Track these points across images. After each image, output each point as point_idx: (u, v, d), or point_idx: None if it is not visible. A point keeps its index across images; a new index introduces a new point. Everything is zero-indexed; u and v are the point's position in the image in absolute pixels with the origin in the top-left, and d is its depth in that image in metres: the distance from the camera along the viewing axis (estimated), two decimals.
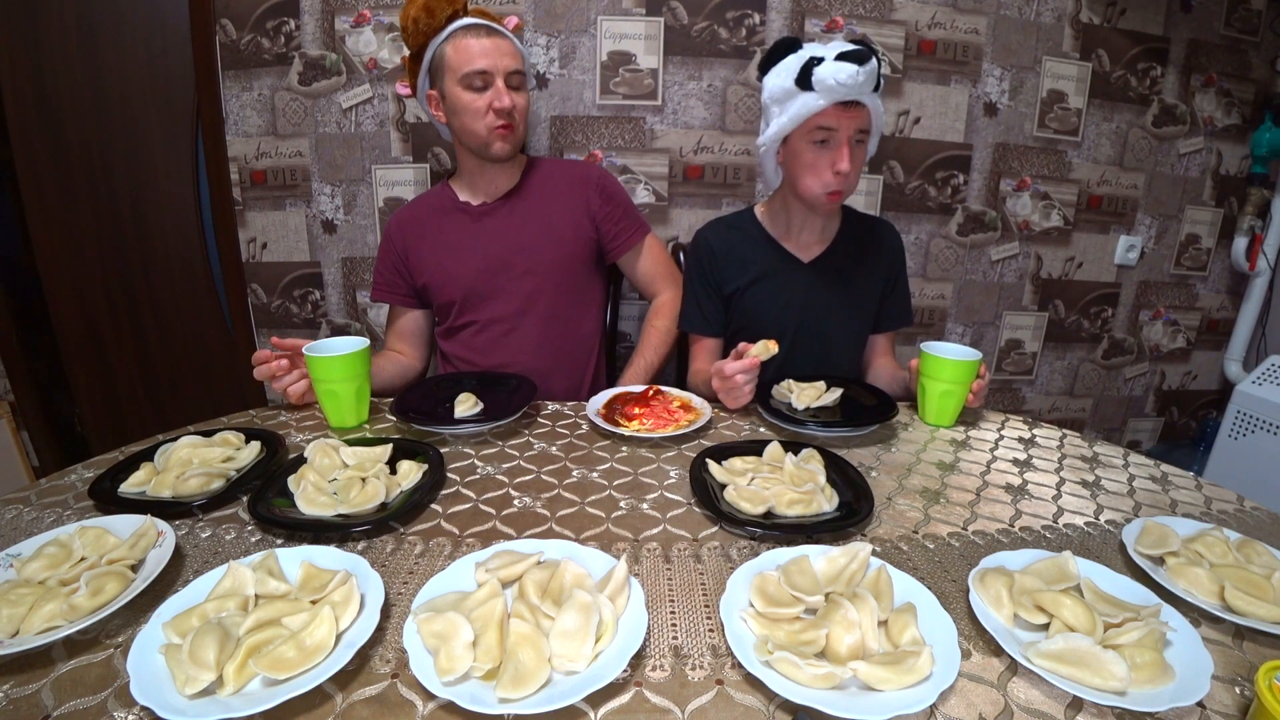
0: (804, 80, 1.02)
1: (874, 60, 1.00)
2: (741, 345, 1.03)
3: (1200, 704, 0.47)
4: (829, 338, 1.24)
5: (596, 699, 0.47)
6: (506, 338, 1.28)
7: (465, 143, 1.22)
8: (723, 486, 0.77)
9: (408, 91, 1.26)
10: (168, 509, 0.71)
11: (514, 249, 1.26)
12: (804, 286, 1.23)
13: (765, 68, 1.10)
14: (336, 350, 0.94)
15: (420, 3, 1.10)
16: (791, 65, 1.05)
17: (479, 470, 0.84)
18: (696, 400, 1.05)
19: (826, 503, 0.73)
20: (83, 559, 0.60)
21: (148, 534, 0.63)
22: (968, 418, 1.05)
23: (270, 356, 1.00)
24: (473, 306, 1.28)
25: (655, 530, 0.70)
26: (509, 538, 0.68)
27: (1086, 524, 0.74)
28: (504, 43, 1.14)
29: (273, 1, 1.59)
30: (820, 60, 1.01)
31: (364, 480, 0.76)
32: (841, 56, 0.99)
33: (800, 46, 1.07)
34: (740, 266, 1.25)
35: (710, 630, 0.55)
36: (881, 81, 1.05)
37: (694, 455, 0.84)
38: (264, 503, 0.71)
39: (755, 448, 0.86)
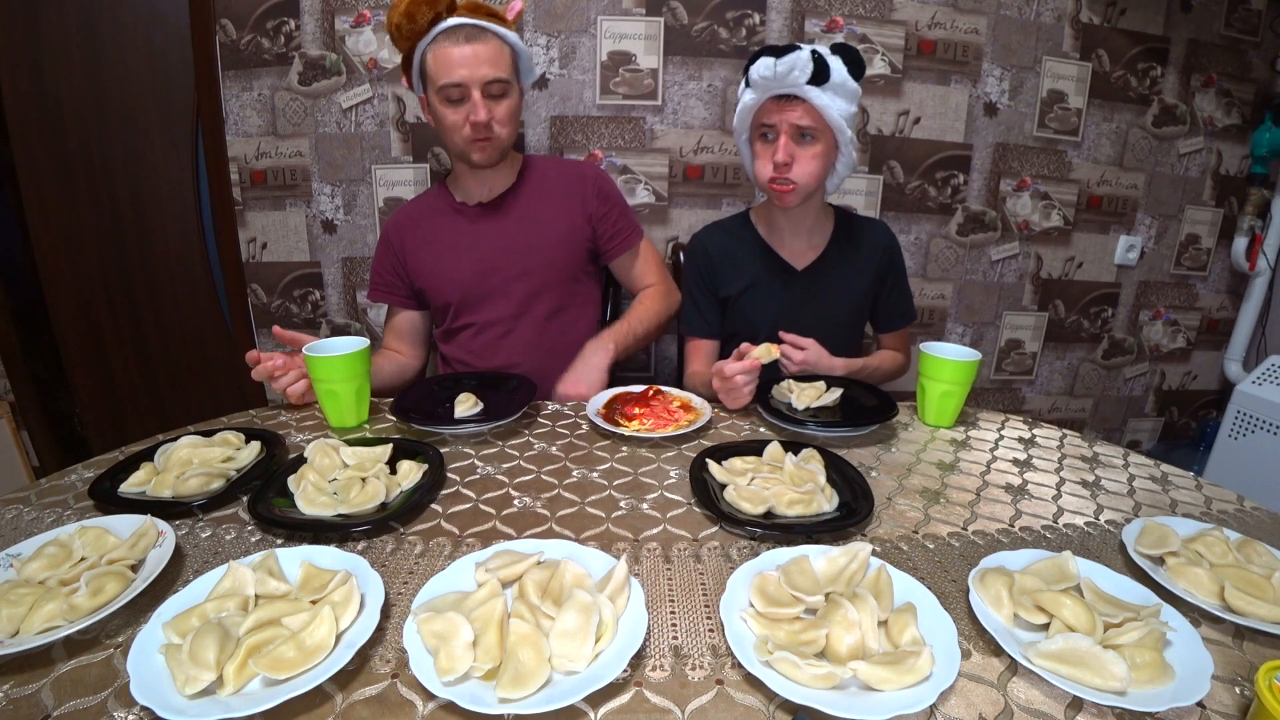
0: (746, 79, 1.10)
1: (796, 54, 1.02)
2: (744, 346, 1.03)
3: (1200, 704, 0.47)
4: (822, 344, 1.24)
5: (596, 699, 0.47)
6: (503, 340, 1.28)
7: (449, 150, 1.23)
8: (723, 486, 0.76)
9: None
10: (168, 509, 0.71)
11: (508, 251, 1.25)
12: (796, 295, 1.24)
13: (745, 72, 1.14)
14: (336, 350, 0.94)
15: (402, 8, 1.08)
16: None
17: (479, 470, 0.84)
18: (696, 400, 1.05)
19: (826, 503, 0.73)
20: (83, 559, 0.60)
21: (148, 534, 0.63)
22: (968, 418, 1.05)
23: (264, 357, 0.99)
24: (469, 309, 1.28)
25: (655, 530, 0.70)
26: (509, 538, 0.68)
27: (1086, 524, 0.74)
28: (484, 48, 1.10)
29: (273, 1, 1.59)
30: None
31: (364, 480, 0.75)
32: (769, 49, 1.05)
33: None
34: (735, 272, 1.25)
35: (710, 630, 0.55)
36: (830, 74, 1.04)
37: (694, 455, 0.84)
38: (264, 503, 0.71)
39: (755, 448, 0.86)
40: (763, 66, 1.05)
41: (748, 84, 1.10)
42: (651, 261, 1.38)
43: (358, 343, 0.96)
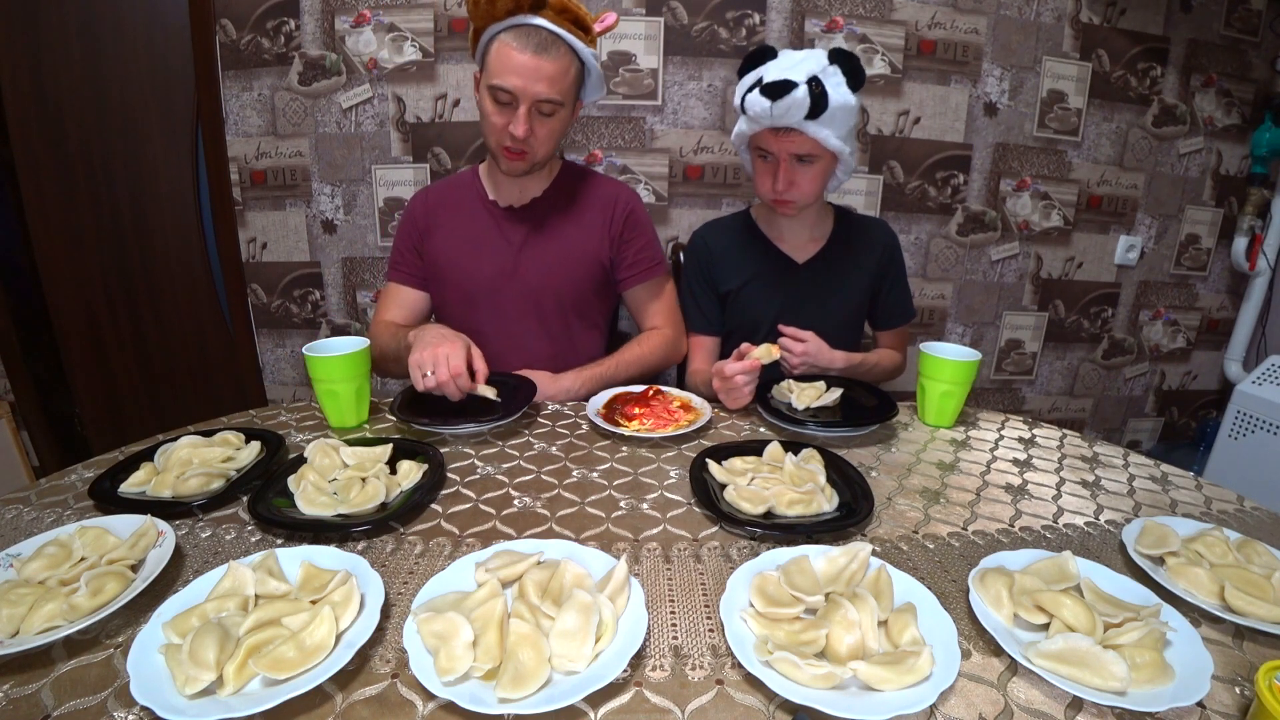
0: (742, 103, 1.08)
1: (793, 95, 1.00)
2: (744, 346, 1.03)
3: (1200, 704, 0.47)
4: (822, 338, 1.24)
5: (596, 699, 0.47)
6: (503, 351, 1.22)
7: (486, 142, 1.17)
8: (723, 486, 0.76)
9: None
10: (168, 509, 0.70)
11: (526, 261, 1.22)
12: (796, 289, 1.24)
13: (740, 75, 1.13)
14: (336, 350, 0.94)
15: None
16: (746, 81, 1.09)
17: (479, 470, 0.84)
18: (696, 400, 1.05)
19: (826, 503, 0.73)
20: (83, 559, 0.60)
21: (148, 534, 0.63)
22: (968, 418, 1.05)
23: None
24: (475, 312, 1.24)
25: (655, 530, 0.70)
26: (509, 538, 0.68)
27: (1086, 524, 0.74)
28: (549, 64, 1.03)
29: (273, 1, 1.59)
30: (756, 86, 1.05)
31: (364, 480, 0.75)
32: (764, 90, 1.02)
33: (773, 56, 1.08)
34: (735, 267, 1.25)
35: (710, 630, 0.55)
36: (828, 106, 1.02)
37: (694, 455, 0.84)
38: (264, 503, 0.71)
39: (755, 448, 0.86)
40: (757, 107, 1.03)
41: (743, 109, 1.08)
42: (667, 305, 1.31)
43: (358, 343, 0.96)
